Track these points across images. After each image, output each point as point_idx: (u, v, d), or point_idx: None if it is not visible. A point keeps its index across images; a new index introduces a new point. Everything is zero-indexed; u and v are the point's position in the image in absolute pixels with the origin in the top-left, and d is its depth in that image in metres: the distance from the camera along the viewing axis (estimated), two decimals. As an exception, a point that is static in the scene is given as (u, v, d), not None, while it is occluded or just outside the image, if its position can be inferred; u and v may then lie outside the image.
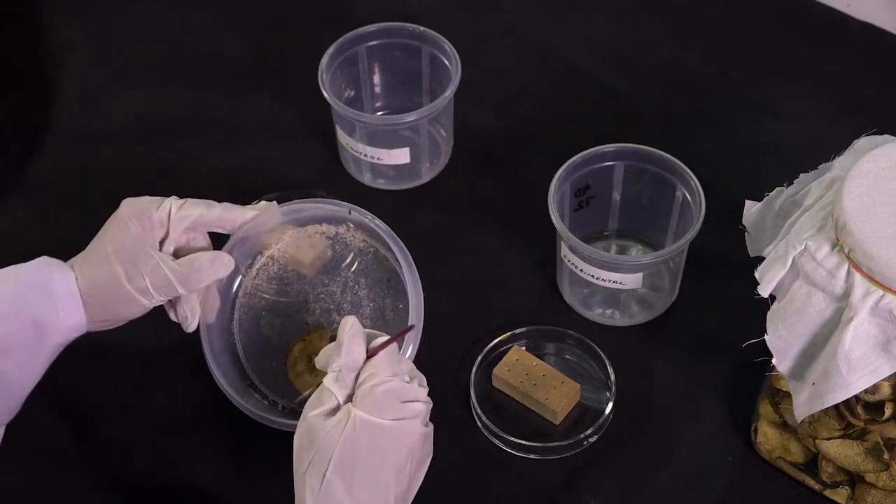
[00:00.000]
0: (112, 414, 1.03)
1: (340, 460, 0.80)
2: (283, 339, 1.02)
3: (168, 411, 1.03)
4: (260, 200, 1.02)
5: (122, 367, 1.05)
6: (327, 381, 0.83)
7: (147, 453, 1.01)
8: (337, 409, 0.82)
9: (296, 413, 0.98)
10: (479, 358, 1.04)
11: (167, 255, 0.93)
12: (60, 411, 1.02)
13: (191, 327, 0.96)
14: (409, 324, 0.91)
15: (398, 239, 0.97)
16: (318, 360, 0.87)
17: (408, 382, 0.83)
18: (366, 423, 0.80)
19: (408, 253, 0.97)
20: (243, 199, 1.14)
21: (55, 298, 0.90)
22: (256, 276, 1.02)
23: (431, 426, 0.85)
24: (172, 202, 0.94)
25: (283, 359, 1.01)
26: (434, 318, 1.00)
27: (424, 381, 0.86)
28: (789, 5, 1.35)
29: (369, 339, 0.85)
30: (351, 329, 0.84)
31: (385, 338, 0.85)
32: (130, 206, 0.93)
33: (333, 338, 0.97)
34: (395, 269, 1.00)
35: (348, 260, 1.02)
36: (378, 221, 0.98)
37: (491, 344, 1.04)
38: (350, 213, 0.99)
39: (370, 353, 0.84)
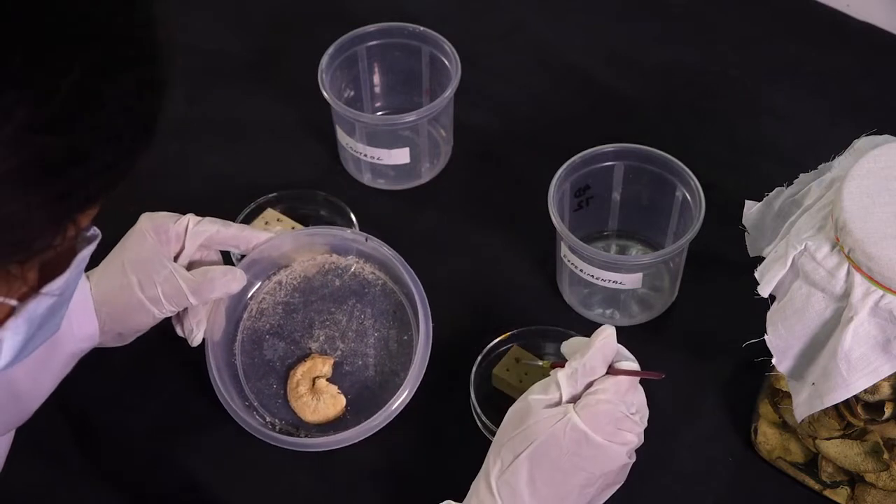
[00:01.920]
0: (113, 416, 1.03)
1: (539, 450, 0.82)
2: (285, 363, 1.02)
3: (168, 415, 1.03)
4: (275, 226, 1.06)
5: (123, 370, 1.05)
6: (561, 374, 0.85)
7: (147, 457, 1.01)
8: (558, 403, 0.84)
9: (291, 433, 0.99)
10: (480, 358, 1.03)
11: (181, 266, 0.95)
12: (61, 411, 1.02)
13: (196, 341, 0.97)
14: (629, 368, 0.87)
15: (412, 271, 1.00)
16: (565, 347, 0.89)
17: (632, 414, 0.84)
18: (577, 429, 0.82)
19: (420, 284, 1.00)
20: (243, 199, 1.15)
21: (69, 307, 0.91)
22: (263, 301, 1.03)
23: (634, 458, 0.86)
24: (190, 218, 0.96)
25: (283, 381, 1.01)
26: (434, 318, 1.00)
27: (647, 417, 0.87)
28: (789, 5, 1.35)
29: (618, 357, 0.86)
30: (606, 338, 0.85)
31: (631, 364, 0.86)
32: (149, 220, 0.95)
33: (338, 363, 1.00)
34: (401, 301, 1.02)
35: (353, 268, 1.03)
36: (390, 251, 1.01)
37: (491, 344, 1.04)
38: (367, 240, 1.02)
39: (612, 371, 0.85)
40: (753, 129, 1.23)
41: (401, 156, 1.16)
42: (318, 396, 0.99)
